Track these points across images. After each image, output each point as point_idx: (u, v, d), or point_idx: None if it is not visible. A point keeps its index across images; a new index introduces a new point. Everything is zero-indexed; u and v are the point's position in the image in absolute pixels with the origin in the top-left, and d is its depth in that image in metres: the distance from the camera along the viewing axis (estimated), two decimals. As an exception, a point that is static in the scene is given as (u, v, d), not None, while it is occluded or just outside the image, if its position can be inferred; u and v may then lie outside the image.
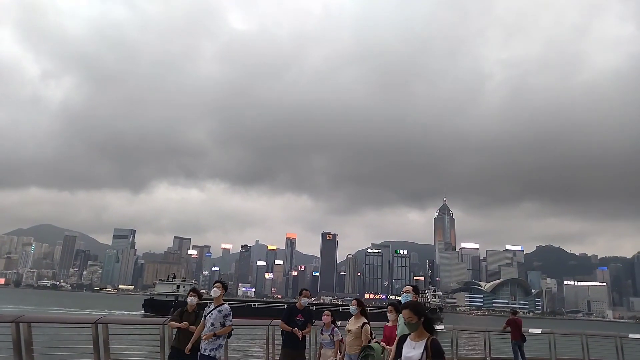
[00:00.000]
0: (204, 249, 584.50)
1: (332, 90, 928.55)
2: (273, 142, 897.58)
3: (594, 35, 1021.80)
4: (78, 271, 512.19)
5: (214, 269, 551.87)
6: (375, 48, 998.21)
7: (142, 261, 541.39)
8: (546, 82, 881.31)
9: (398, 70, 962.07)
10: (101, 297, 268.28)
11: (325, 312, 11.07)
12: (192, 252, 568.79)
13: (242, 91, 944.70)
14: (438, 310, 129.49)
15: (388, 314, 9.75)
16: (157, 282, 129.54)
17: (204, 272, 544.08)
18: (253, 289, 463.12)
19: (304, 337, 10.72)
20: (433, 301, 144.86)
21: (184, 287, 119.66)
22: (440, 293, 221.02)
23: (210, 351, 9.34)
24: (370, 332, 10.00)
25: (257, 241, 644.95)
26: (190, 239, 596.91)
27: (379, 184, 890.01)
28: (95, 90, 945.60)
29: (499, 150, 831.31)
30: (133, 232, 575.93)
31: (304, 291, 11.44)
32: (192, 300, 10.21)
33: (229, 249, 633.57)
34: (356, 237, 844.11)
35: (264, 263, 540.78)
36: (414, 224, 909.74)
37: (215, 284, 9.86)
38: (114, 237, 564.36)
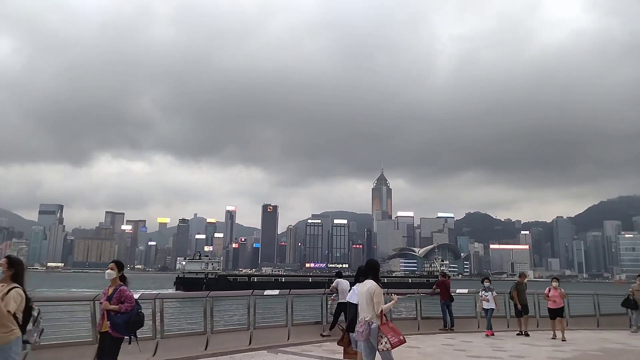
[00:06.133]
0: (138, 224, 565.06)
1: (294, 60, 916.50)
2: (226, 112, 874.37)
3: (543, 14, 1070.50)
4: (1, 249, 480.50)
5: (150, 243, 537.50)
6: (339, 17, 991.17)
7: (72, 237, 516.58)
8: (496, 57, 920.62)
9: (361, 41, 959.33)
10: (30, 275, 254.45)
11: None
12: (126, 227, 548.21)
13: (197, 58, 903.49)
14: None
15: None
16: (186, 262, 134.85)
17: (139, 247, 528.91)
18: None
19: None
20: (442, 270, 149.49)
21: (212, 264, 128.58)
22: (448, 262, 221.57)
23: None
24: (27, 298, 6.17)
25: (195, 214, 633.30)
26: (123, 214, 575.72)
27: (330, 155, 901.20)
28: (34, 55, 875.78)
29: (447, 122, 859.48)
30: (61, 207, 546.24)
31: None
32: None
33: (165, 223, 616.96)
34: (302, 208, 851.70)
35: (203, 236, 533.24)
36: (358, 194, 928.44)
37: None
38: (40, 212, 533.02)
